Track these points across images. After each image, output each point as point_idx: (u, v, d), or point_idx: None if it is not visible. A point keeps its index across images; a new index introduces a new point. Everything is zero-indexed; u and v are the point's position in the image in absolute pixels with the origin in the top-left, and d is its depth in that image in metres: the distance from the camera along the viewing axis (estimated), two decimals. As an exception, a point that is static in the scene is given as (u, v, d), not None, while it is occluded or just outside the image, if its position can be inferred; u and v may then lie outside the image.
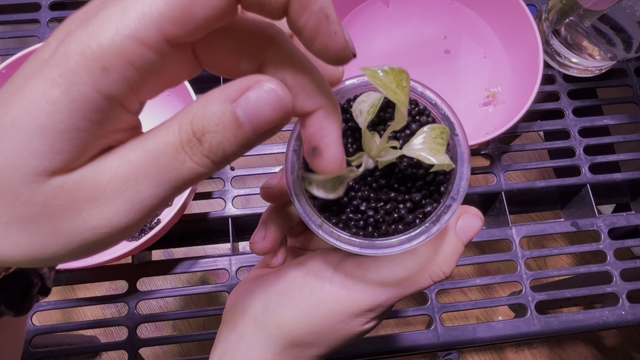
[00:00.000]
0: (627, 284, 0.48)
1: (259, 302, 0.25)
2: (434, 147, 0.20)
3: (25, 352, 0.44)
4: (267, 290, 0.25)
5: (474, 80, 0.54)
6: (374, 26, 0.55)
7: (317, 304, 0.23)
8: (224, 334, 0.26)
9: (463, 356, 1.03)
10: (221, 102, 0.15)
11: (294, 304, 0.23)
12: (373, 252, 0.21)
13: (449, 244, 0.23)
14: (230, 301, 0.28)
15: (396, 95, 0.19)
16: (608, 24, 0.47)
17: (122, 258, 0.42)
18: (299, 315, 0.23)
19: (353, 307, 0.23)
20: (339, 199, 0.21)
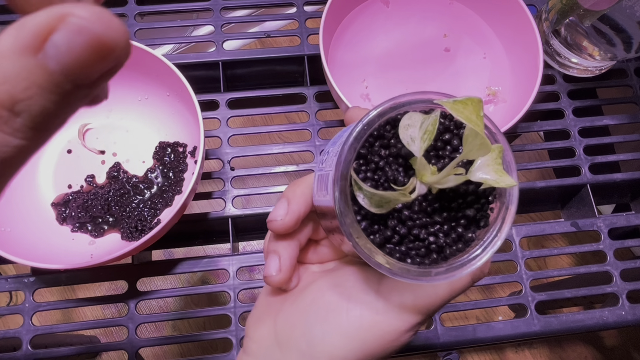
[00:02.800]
0: (627, 284, 0.48)
1: (301, 335, 0.23)
2: (497, 168, 0.19)
3: (25, 352, 0.44)
4: (306, 318, 0.23)
5: (474, 80, 0.54)
6: (374, 26, 0.55)
7: (370, 328, 0.22)
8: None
9: (463, 356, 1.03)
10: (20, 55, 0.12)
11: (343, 331, 0.22)
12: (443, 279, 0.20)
13: None
14: (255, 332, 0.26)
15: (478, 126, 0.18)
16: (608, 24, 0.47)
17: (122, 258, 0.42)
18: (351, 342, 0.22)
19: (405, 324, 0.22)
20: (394, 233, 0.21)
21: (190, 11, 0.59)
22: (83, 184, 0.49)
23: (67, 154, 0.50)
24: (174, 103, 0.49)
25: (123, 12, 0.56)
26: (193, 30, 1.04)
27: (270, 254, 0.25)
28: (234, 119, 0.53)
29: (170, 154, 0.50)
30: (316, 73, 0.53)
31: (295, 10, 0.58)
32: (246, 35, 0.58)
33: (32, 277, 0.47)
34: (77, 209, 0.47)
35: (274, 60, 0.56)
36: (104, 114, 0.52)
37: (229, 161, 0.52)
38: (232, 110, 0.54)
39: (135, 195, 0.49)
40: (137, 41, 0.46)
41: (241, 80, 0.59)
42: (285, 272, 0.25)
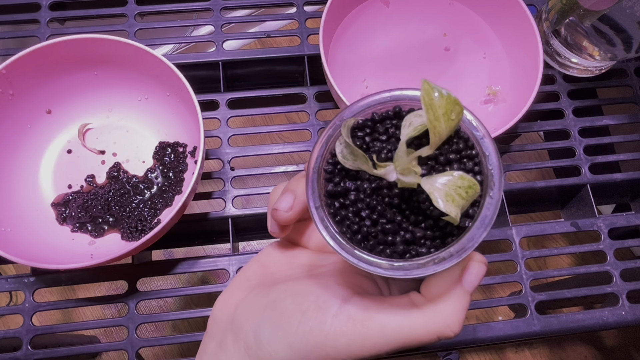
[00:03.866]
0: (627, 284, 0.48)
1: (251, 329, 0.24)
2: (452, 195, 0.18)
3: (25, 353, 0.44)
4: (261, 315, 0.24)
5: (474, 80, 0.54)
6: (374, 26, 0.55)
7: (315, 347, 0.22)
8: (211, 350, 0.26)
9: (463, 356, 1.03)
10: None
11: (289, 341, 0.22)
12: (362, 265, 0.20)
13: (458, 301, 0.22)
14: (218, 313, 0.27)
15: (436, 121, 0.18)
16: (608, 24, 0.47)
17: (122, 258, 0.42)
18: (294, 353, 0.22)
19: (350, 355, 0.22)
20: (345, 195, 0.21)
21: (190, 11, 0.59)
22: (83, 184, 0.49)
23: (67, 154, 0.50)
24: (174, 103, 0.49)
25: (123, 12, 0.56)
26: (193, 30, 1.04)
27: (289, 192, 0.25)
28: (234, 119, 0.53)
29: (170, 154, 0.50)
30: (316, 73, 0.53)
31: (295, 10, 0.58)
32: (246, 35, 0.58)
33: (32, 277, 0.47)
34: (77, 209, 0.47)
35: (274, 60, 0.56)
36: (104, 114, 0.52)
37: (229, 161, 0.52)
38: (232, 110, 0.54)
39: (135, 195, 0.49)
40: (137, 41, 0.46)
41: (241, 80, 0.59)
42: (295, 213, 0.25)
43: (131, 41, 0.45)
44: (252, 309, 0.25)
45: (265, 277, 0.28)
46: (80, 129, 0.51)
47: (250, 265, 0.29)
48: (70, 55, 0.47)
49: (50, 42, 0.45)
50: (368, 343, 0.22)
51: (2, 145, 0.47)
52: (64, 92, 0.49)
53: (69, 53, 0.46)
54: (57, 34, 0.55)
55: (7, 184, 0.47)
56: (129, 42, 0.45)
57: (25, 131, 0.49)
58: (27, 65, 0.45)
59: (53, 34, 0.55)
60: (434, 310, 0.21)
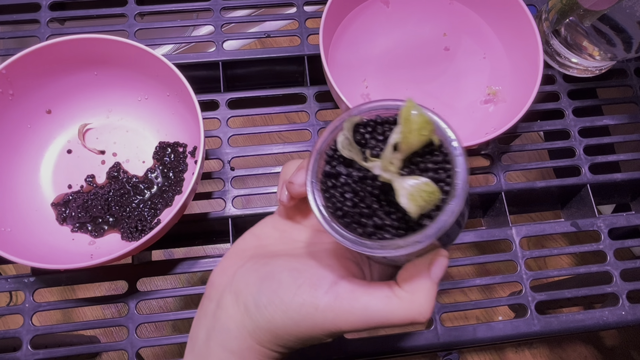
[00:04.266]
0: (627, 284, 0.48)
1: (250, 294, 0.27)
2: (415, 196, 0.22)
3: (25, 353, 0.44)
4: (260, 284, 0.27)
5: (474, 80, 0.54)
6: (374, 26, 0.55)
7: (306, 315, 0.26)
8: (211, 310, 0.29)
9: (463, 356, 1.03)
10: None
11: (284, 309, 0.26)
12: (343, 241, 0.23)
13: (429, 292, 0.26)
14: (216, 278, 0.30)
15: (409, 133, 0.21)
16: (608, 24, 0.47)
17: (122, 258, 0.42)
18: (288, 320, 0.26)
19: (335, 327, 0.26)
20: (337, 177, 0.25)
21: (190, 11, 0.59)
22: (83, 184, 0.49)
23: (67, 154, 0.50)
24: (174, 103, 0.49)
25: (123, 12, 0.56)
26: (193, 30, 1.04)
27: (303, 169, 0.28)
28: (234, 119, 0.53)
29: (170, 154, 0.50)
30: (316, 73, 0.53)
31: (295, 10, 0.58)
32: (246, 35, 0.58)
33: (32, 277, 0.47)
34: (77, 209, 0.47)
35: (274, 60, 0.56)
36: (104, 114, 0.52)
37: (229, 161, 0.52)
38: (232, 110, 0.54)
39: (135, 195, 0.49)
40: (137, 41, 0.46)
41: (241, 80, 0.59)
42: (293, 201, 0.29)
43: (131, 41, 0.45)
44: (251, 277, 0.28)
45: (259, 248, 0.31)
46: (80, 129, 0.51)
47: (246, 237, 0.32)
48: (70, 55, 0.47)
49: (50, 42, 0.45)
50: (351, 319, 0.25)
51: (2, 145, 0.47)
52: (64, 92, 0.49)
53: (69, 53, 0.46)
54: (57, 34, 0.55)
55: (7, 184, 0.47)
56: (129, 42, 0.45)
57: (25, 131, 0.49)
58: (27, 65, 0.45)
59: (53, 34, 0.55)
60: (410, 300, 0.25)
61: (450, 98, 0.54)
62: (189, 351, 0.30)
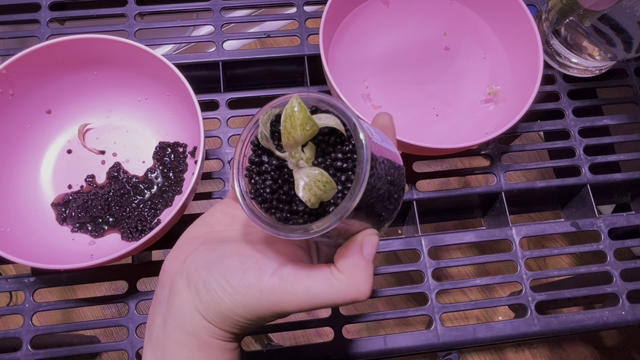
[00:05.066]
0: (627, 284, 0.48)
1: (200, 278, 0.28)
2: (311, 186, 0.23)
3: (25, 353, 0.44)
4: (209, 268, 0.28)
5: (474, 80, 0.54)
6: (374, 26, 0.55)
7: (252, 298, 0.27)
8: (164, 296, 0.30)
9: (463, 356, 1.03)
10: None
11: (232, 292, 0.27)
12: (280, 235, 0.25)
13: (366, 271, 0.27)
14: (168, 265, 0.31)
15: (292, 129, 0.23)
16: (608, 24, 0.47)
17: (122, 258, 0.42)
18: (235, 302, 0.27)
19: (279, 309, 0.27)
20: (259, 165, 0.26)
21: (190, 11, 0.59)
22: (83, 184, 0.49)
23: (67, 154, 0.50)
24: (174, 103, 0.49)
25: (123, 12, 0.56)
26: (193, 30, 1.04)
27: None
28: (234, 119, 0.53)
29: (170, 154, 0.50)
30: (316, 73, 0.53)
31: (295, 10, 0.58)
32: (246, 35, 0.58)
33: (32, 277, 0.47)
34: (77, 209, 0.47)
35: (274, 60, 0.56)
36: (104, 114, 0.52)
37: (229, 161, 0.52)
38: (232, 110, 0.54)
39: (135, 195, 0.49)
40: (137, 41, 0.46)
41: (241, 80, 0.59)
42: None
43: (131, 41, 0.45)
44: (201, 261, 0.29)
45: (211, 234, 0.32)
46: (80, 129, 0.51)
47: (197, 224, 0.33)
48: (70, 55, 0.47)
49: (50, 42, 0.45)
50: (295, 300, 0.27)
51: (2, 145, 0.47)
52: (64, 92, 0.49)
53: (69, 53, 0.46)
54: (57, 34, 0.55)
55: (7, 184, 0.47)
56: (129, 42, 0.45)
57: (25, 131, 0.49)
58: (27, 65, 0.45)
59: (53, 34, 0.55)
60: (348, 281, 0.27)
61: (450, 98, 0.54)
62: (148, 339, 0.30)
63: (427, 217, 0.54)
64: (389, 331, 0.98)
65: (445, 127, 0.53)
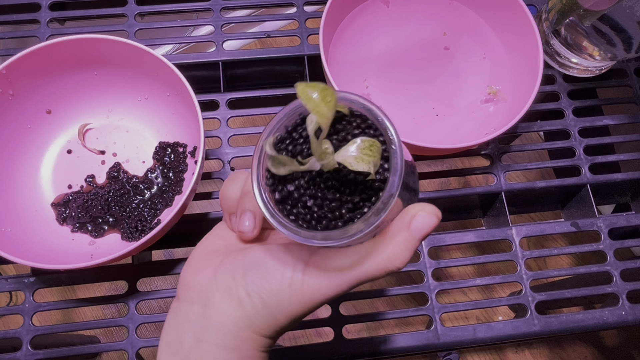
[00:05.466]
0: (627, 284, 0.48)
1: (241, 286, 0.28)
2: (361, 156, 0.23)
3: (25, 353, 0.44)
4: (248, 275, 0.28)
5: (474, 80, 0.54)
6: (374, 26, 0.55)
7: (295, 293, 0.27)
8: (196, 312, 0.29)
9: (463, 356, 1.03)
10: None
11: (275, 291, 0.27)
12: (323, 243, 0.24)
13: (403, 242, 0.26)
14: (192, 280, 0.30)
15: (318, 107, 0.22)
16: (608, 24, 0.47)
17: (122, 258, 0.42)
18: (280, 301, 0.27)
19: (324, 297, 0.27)
20: (291, 196, 0.25)
21: (190, 11, 0.59)
22: (83, 184, 0.49)
23: (67, 154, 0.50)
24: (174, 103, 0.49)
25: (123, 12, 0.56)
26: (193, 30, 1.04)
27: (246, 212, 0.30)
28: (234, 119, 0.53)
29: (170, 154, 0.50)
30: (316, 73, 0.53)
31: (295, 10, 0.58)
32: (246, 35, 0.58)
33: (32, 277, 0.47)
34: (77, 209, 0.47)
35: (274, 60, 0.56)
36: (104, 114, 0.52)
37: (229, 161, 0.52)
38: (232, 110, 0.54)
39: (135, 195, 0.49)
40: (137, 41, 0.46)
41: (241, 80, 0.59)
42: (258, 229, 0.30)
43: (131, 41, 0.45)
44: (236, 271, 0.29)
45: (229, 247, 0.31)
46: (80, 129, 0.51)
47: (211, 239, 0.32)
48: (70, 55, 0.47)
49: (50, 42, 0.45)
50: (333, 283, 0.27)
51: (2, 145, 0.47)
52: (64, 92, 0.49)
53: (69, 53, 0.46)
54: (57, 34, 0.55)
55: (7, 184, 0.47)
56: (129, 42, 0.45)
57: (25, 131, 0.49)
58: (27, 65, 0.45)
59: (53, 34, 0.55)
60: (380, 250, 0.26)
61: (450, 98, 0.54)
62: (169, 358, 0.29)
63: (427, 217, 0.54)
64: (389, 331, 0.98)
65: (445, 127, 0.53)
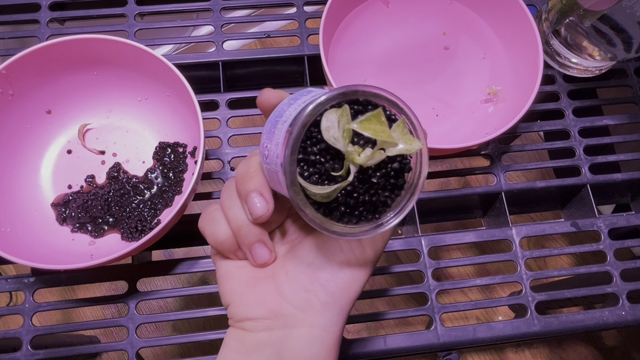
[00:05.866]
0: (627, 284, 0.48)
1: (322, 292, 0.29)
2: (406, 138, 0.24)
3: (25, 353, 0.44)
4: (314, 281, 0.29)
5: (474, 80, 0.54)
6: (373, 26, 0.55)
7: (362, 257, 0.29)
8: (276, 337, 0.29)
9: (463, 356, 1.03)
10: None
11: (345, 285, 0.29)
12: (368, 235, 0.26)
13: None
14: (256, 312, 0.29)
15: (384, 133, 0.23)
16: (608, 24, 0.47)
17: (122, 258, 0.42)
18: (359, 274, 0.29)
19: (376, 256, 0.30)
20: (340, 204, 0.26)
21: (190, 11, 0.59)
22: (83, 184, 0.49)
23: (67, 154, 0.50)
24: (174, 103, 0.49)
25: (123, 12, 0.56)
26: (193, 30, 1.04)
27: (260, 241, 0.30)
28: (234, 119, 0.53)
29: (170, 154, 0.50)
30: (316, 73, 0.53)
31: (295, 10, 0.58)
32: (246, 35, 0.58)
33: (32, 278, 0.47)
34: (77, 209, 0.47)
35: (274, 60, 0.56)
36: (104, 114, 0.52)
37: (229, 161, 0.52)
38: (232, 110, 0.54)
39: (135, 195, 0.49)
40: (137, 41, 0.46)
41: (241, 81, 0.59)
42: (274, 255, 0.31)
43: (131, 41, 0.45)
44: (299, 282, 0.29)
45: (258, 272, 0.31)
46: (80, 129, 0.51)
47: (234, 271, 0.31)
48: (70, 55, 0.47)
49: (50, 42, 0.45)
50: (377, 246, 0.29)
51: (2, 145, 0.47)
52: (64, 92, 0.50)
53: (69, 53, 0.46)
54: (57, 34, 0.55)
55: (7, 184, 0.47)
56: (129, 42, 0.45)
57: (25, 131, 0.49)
58: (27, 65, 0.45)
59: (53, 34, 0.55)
60: None
61: (450, 98, 0.54)
62: None
63: (427, 217, 0.54)
64: (389, 331, 0.98)
65: (445, 127, 0.53)
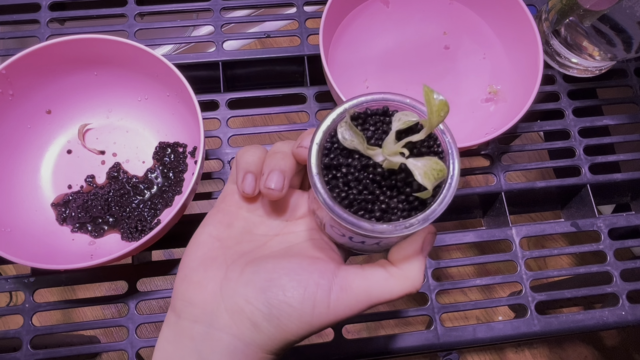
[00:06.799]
0: (627, 284, 0.48)
1: (257, 311, 0.27)
2: (428, 174, 0.24)
3: (25, 353, 0.44)
4: (263, 295, 0.27)
5: (474, 80, 0.54)
6: (373, 26, 0.55)
7: (319, 316, 0.27)
8: (200, 332, 0.27)
9: (463, 356, 1.03)
10: None
11: (297, 315, 0.26)
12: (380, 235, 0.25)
13: (420, 265, 0.28)
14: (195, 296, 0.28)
15: (431, 114, 0.24)
16: (608, 24, 0.47)
17: (122, 258, 0.42)
18: (303, 325, 0.27)
19: (344, 317, 0.27)
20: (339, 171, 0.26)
21: (190, 11, 0.59)
22: (83, 184, 0.49)
23: (67, 154, 0.50)
24: (174, 103, 0.49)
25: (123, 12, 0.56)
26: (193, 30, 1.04)
27: (281, 172, 0.29)
28: (234, 119, 0.53)
29: (170, 154, 0.50)
30: (316, 73, 0.53)
31: (295, 10, 0.58)
32: (246, 35, 0.58)
33: (32, 278, 0.47)
34: (77, 209, 0.47)
35: (274, 60, 0.56)
36: (103, 114, 0.52)
37: (229, 161, 0.52)
38: (232, 110, 0.54)
39: (135, 195, 0.49)
40: (137, 41, 0.46)
41: (241, 81, 0.59)
42: (286, 189, 0.29)
43: (131, 41, 0.45)
44: (248, 290, 0.27)
45: (229, 253, 0.29)
46: (80, 129, 0.51)
47: (205, 241, 0.30)
48: (70, 55, 0.47)
49: (50, 42, 0.45)
50: (358, 305, 0.27)
51: (2, 145, 0.47)
52: (64, 92, 0.49)
53: (69, 53, 0.46)
54: (57, 34, 0.55)
55: (7, 184, 0.47)
56: (129, 42, 0.45)
57: (25, 131, 0.49)
58: (27, 65, 0.45)
59: (53, 34, 0.55)
60: (405, 277, 0.27)
61: (450, 97, 0.54)
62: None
63: (427, 217, 0.54)
64: (389, 331, 0.98)
65: (445, 127, 0.53)
